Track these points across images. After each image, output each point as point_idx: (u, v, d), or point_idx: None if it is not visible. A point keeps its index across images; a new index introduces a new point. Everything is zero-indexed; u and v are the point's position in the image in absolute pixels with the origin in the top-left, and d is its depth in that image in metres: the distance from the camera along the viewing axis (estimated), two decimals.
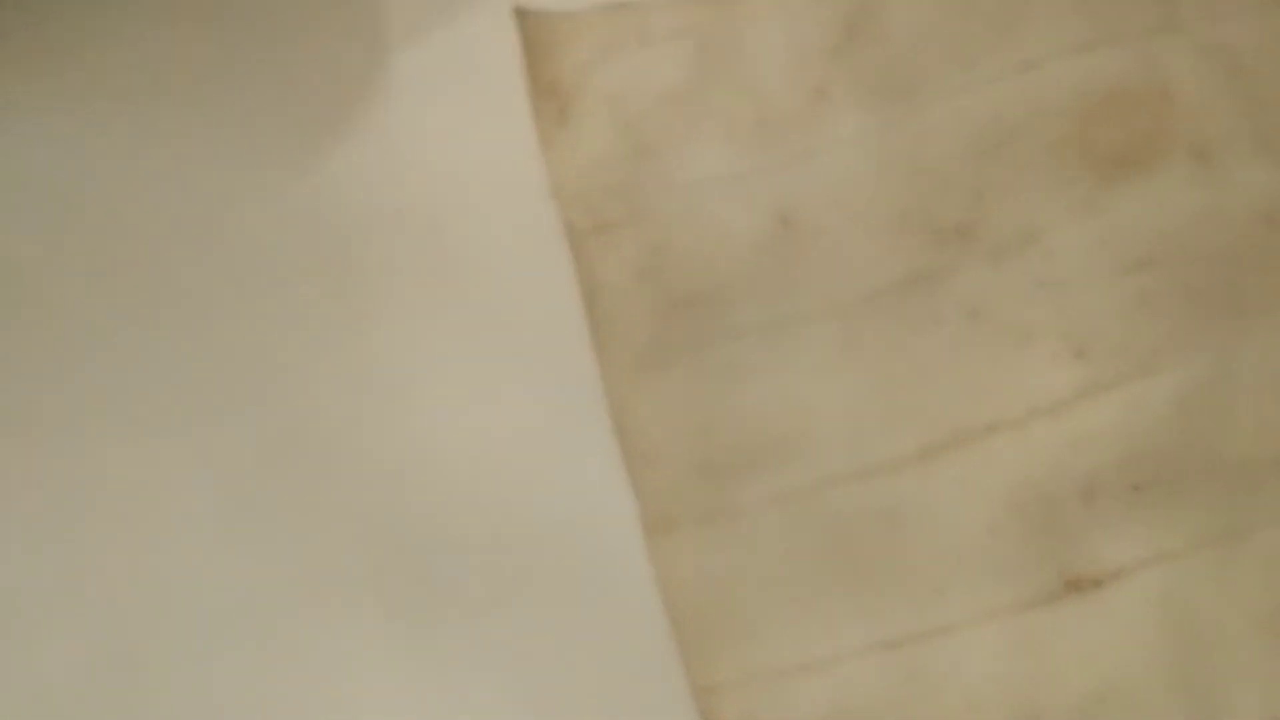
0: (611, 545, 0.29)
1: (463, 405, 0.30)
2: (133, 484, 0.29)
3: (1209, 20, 0.30)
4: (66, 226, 0.31)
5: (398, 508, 0.29)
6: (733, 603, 0.29)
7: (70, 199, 0.31)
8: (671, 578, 0.29)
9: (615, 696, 0.28)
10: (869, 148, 0.30)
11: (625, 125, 0.31)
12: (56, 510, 0.29)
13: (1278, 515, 0.28)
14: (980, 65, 0.30)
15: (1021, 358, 0.29)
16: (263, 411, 0.30)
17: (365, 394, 0.30)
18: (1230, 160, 0.29)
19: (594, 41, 0.31)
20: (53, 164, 0.31)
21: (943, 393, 0.29)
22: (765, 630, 0.29)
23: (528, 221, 0.30)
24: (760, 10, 0.32)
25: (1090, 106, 0.30)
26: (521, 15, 0.31)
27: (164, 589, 0.29)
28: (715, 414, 0.30)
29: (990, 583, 0.28)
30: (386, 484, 0.29)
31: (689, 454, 0.29)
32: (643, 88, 0.31)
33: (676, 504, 0.29)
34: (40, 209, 0.31)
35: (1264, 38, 0.30)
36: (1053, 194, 0.30)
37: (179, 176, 0.31)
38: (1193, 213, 0.29)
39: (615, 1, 0.32)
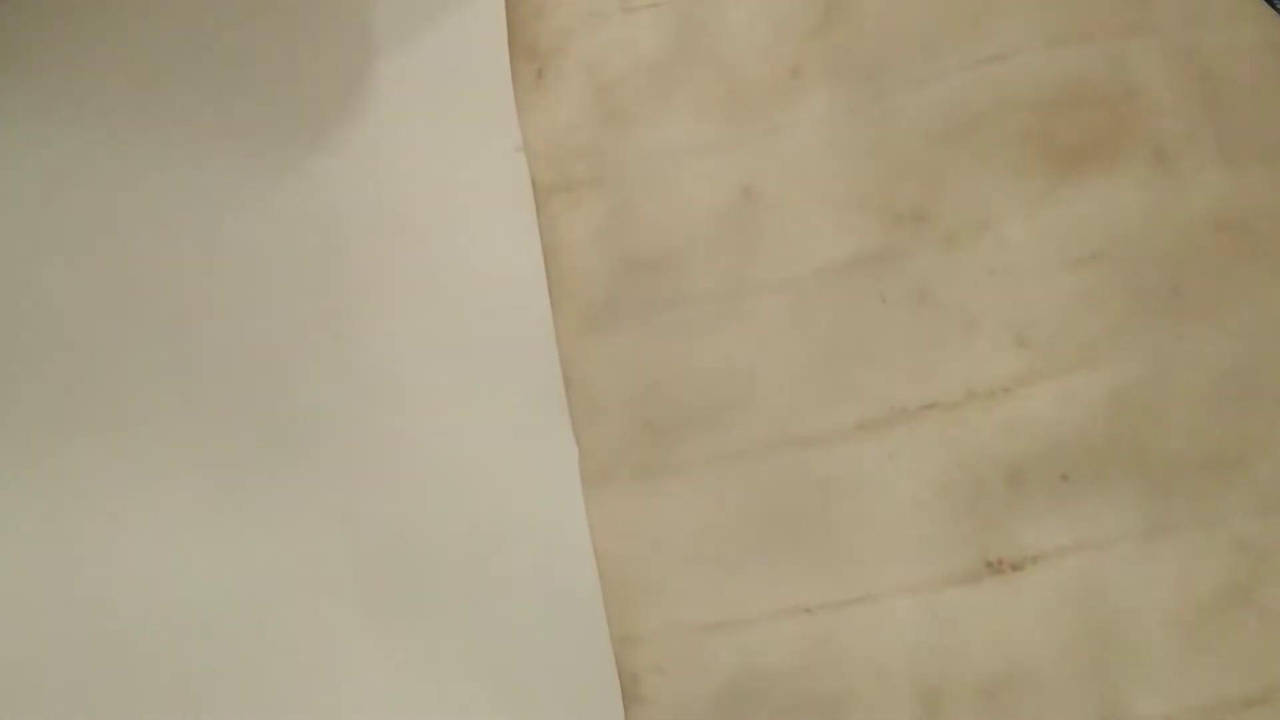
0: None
1: (444, 402, 0.30)
2: (119, 480, 0.30)
3: (1183, 24, 0.30)
4: (56, 228, 0.32)
5: (385, 501, 0.30)
6: (658, 556, 0.30)
7: (61, 202, 0.32)
8: (602, 528, 0.30)
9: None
10: (836, 128, 0.31)
11: (600, 90, 0.32)
12: (44, 507, 0.30)
13: (1199, 515, 0.28)
14: (950, 54, 0.31)
15: (964, 342, 0.30)
16: (249, 409, 0.30)
17: (348, 391, 0.30)
18: (1188, 164, 0.30)
19: (577, 7, 0.32)
20: (43, 168, 0.32)
21: (884, 370, 0.30)
22: (686, 586, 0.30)
23: (514, 220, 0.31)
24: None
25: (1054, 101, 0.30)
26: None
27: (151, 584, 0.30)
28: (662, 373, 0.30)
29: (912, 558, 0.29)
30: (374, 478, 0.30)
31: (632, 410, 0.30)
32: (620, 55, 0.32)
33: (615, 457, 0.30)
34: (30, 211, 0.32)
35: (1236, 46, 0.30)
36: (1009, 185, 0.30)
37: (168, 179, 0.32)
38: (1144, 212, 0.29)
39: None
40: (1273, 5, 0.30)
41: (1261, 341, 0.29)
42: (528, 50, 0.32)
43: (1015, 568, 0.29)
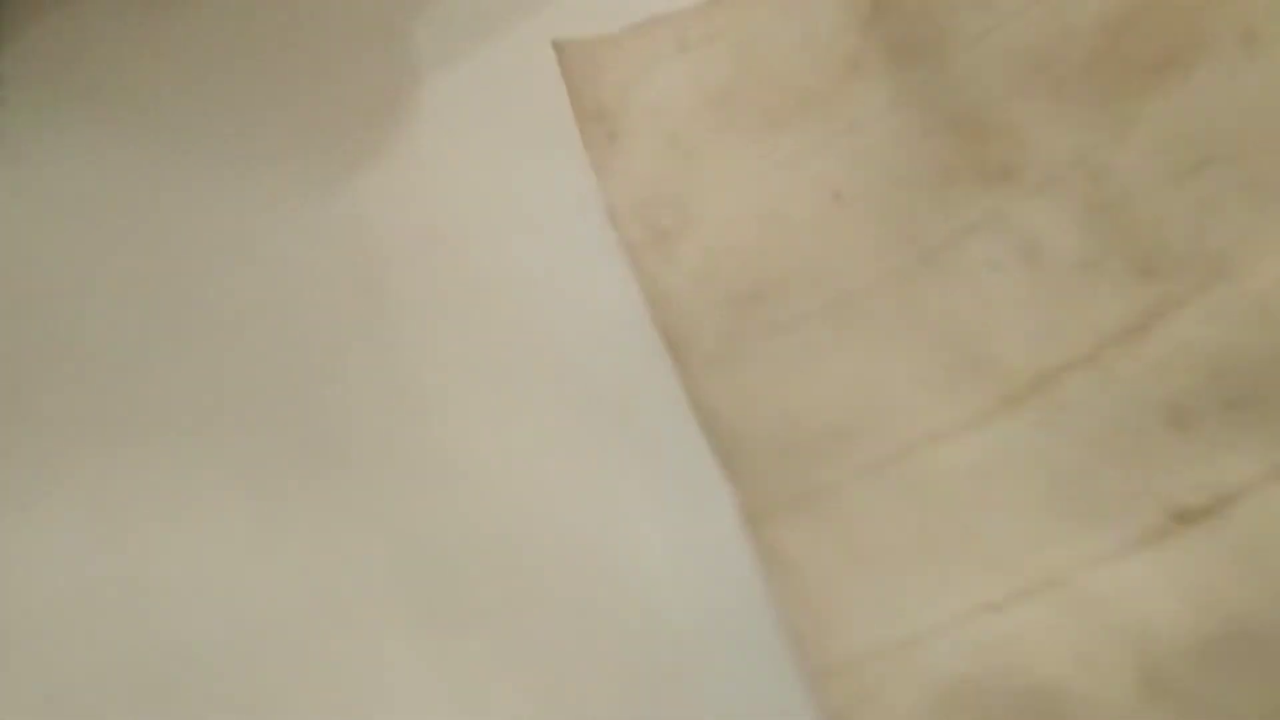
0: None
1: (484, 417, 0.31)
2: (170, 494, 0.31)
3: None
4: (104, 245, 0.32)
5: (428, 516, 0.30)
6: (834, 584, 0.29)
7: (108, 218, 0.32)
8: (777, 564, 0.29)
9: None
10: (907, 108, 0.30)
11: (671, 134, 0.32)
12: (95, 519, 0.31)
13: None
14: (1002, 2, 0.29)
15: (1085, 288, 0.28)
16: (297, 424, 0.31)
17: (396, 407, 0.31)
18: None
19: (633, 60, 0.32)
20: (91, 185, 0.33)
21: (1010, 339, 0.28)
22: (869, 607, 0.28)
23: (559, 240, 0.31)
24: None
25: (1121, 17, 0.28)
26: (560, 48, 0.33)
27: (200, 595, 0.30)
28: (791, 399, 0.30)
29: (1089, 528, 0.27)
30: (417, 493, 0.30)
31: (771, 441, 0.30)
32: (684, 94, 0.32)
33: (768, 491, 0.29)
34: (80, 229, 0.32)
35: None
36: (1093, 114, 0.28)
37: (216, 197, 0.32)
38: (1246, 101, 0.27)
39: (648, 17, 0.32)
40: None
41: None
42: (595, 114, 0.32)
43: (1206, 512, 0.26)
